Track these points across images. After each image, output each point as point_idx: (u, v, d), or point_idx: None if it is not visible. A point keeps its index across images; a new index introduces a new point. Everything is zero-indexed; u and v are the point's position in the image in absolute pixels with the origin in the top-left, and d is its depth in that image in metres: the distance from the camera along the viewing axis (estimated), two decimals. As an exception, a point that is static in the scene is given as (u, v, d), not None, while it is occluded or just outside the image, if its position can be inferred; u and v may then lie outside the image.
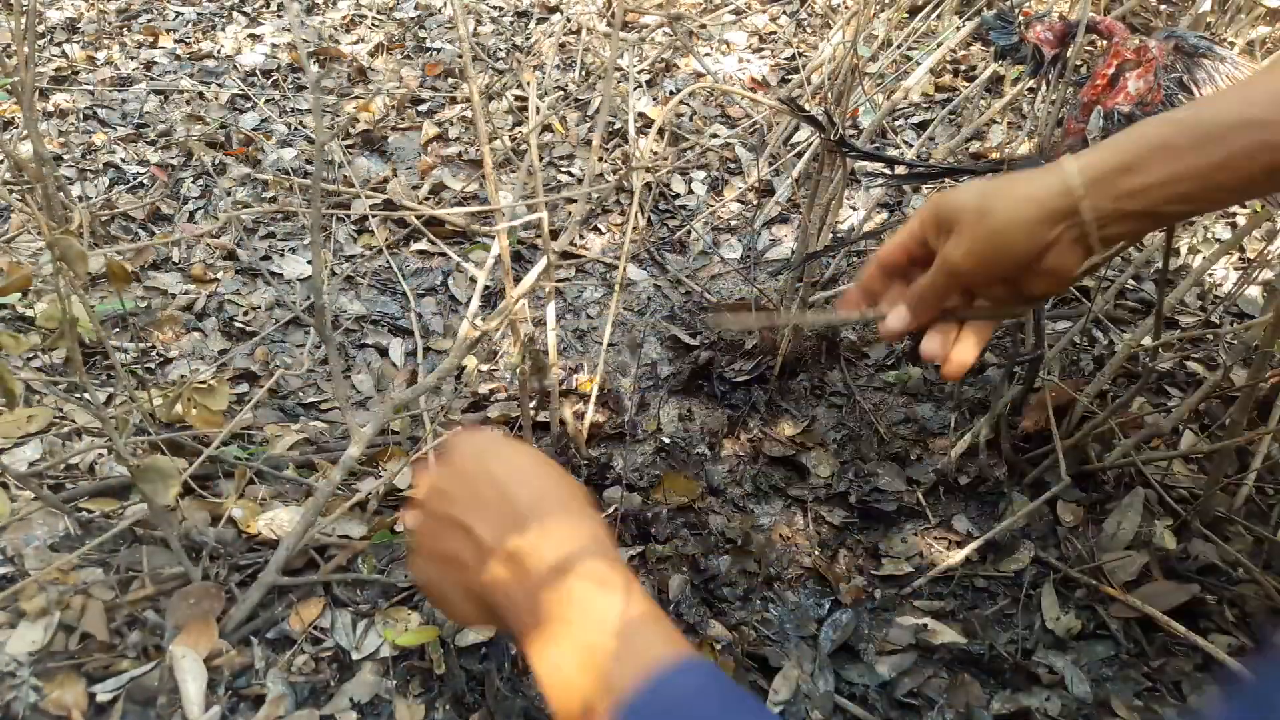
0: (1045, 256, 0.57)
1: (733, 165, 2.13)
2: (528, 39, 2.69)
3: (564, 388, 1.49)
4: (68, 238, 0.78)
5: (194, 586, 1.08)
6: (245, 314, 1.66)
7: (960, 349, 0.61)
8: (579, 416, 1.37)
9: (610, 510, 1.27)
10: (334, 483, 1.06)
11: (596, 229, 1.92)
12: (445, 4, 2.87)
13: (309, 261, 1.80)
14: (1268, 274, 1.64)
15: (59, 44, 2.57)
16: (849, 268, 1.79)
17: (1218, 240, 1.75)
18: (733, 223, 1.95)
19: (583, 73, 2.45)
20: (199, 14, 2.79)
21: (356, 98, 2.37)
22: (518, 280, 1.15)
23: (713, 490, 1.34)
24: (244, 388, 1.48)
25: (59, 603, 1.04)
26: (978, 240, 0.57)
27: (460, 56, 2.55)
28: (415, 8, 2.86)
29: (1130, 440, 1.25)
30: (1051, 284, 0.59)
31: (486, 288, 1.20)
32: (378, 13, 2.83)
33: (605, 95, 1.21)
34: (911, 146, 2.11)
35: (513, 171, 2.06)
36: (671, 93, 2.38)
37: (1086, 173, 0.57)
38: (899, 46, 2.03)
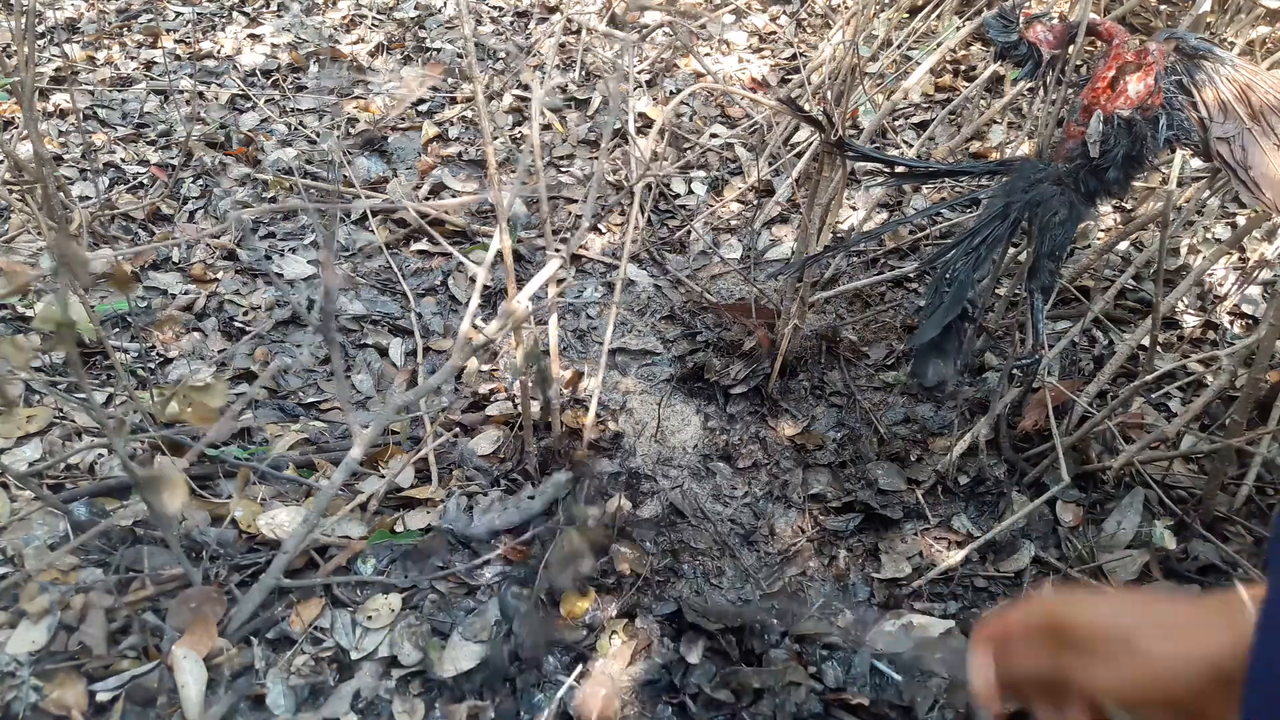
0: (1202, 711, 0.46)
1: (733, 165, 2.13)
2: (528, 39, 2.69)
3: (564, 388, 1.49)
4: (70, 242, 0.78)
5: (195, 588, 1.08)
6: (245, 314, 1.66)
7: None
8: (578, 418, 1.37)
9: (611, 512, 1.27)
10: (336, 484, 1.06)
11: (596, 229, 1.92)
12: (445, 4, 2.87)
13: (310, 261, 1.80)
14: (1267, 274, 1.64)
15: (59, 44, 2.56)
16: (848, 267, 1.79)
17: (1218, 240, 1.75)
18: (733, 223, 1.95)
19: (583, 73, 2.45)
20: (199, 14, 2.79)
21: (357, 98, 2.38)
22: (518, 280, 1.15)
23: (714, 493, 1.34)
24: (244, 388, 1.48)
25: (60, 603, 1.04)
26: (1128, 679, 0.47)
27: (460, 56, 2.55)
28: (415, 8, 2.86)
29: (1136, 446, 1.26)
30: None
31: (486, 287, 1.20)
32: (378, 13, 2.83)
33: (614, 101, 1.21)
34: (911, 146, 2.11)
35: (513, 171, 2.06)
36: (671, 93, 2.38)
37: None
38: (899, 46, 2.03)
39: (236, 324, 1.63)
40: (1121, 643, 0.48)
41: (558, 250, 1.09)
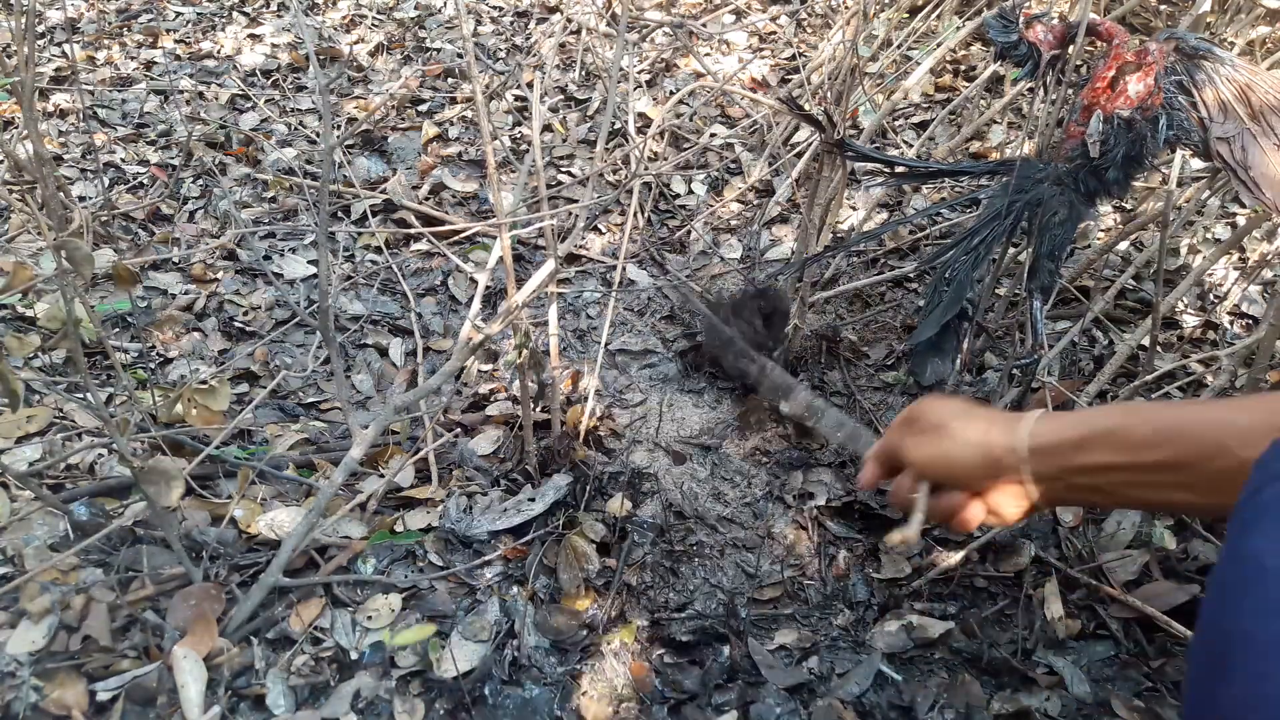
0: (987, 493, 0.66)
1: (733, 165, 2.13)
2: (528, 39, 2.69)
3: (564, 388, 1.49)
4: (75, 240, 0.78)
5: (195, 587, 1.08)
6: (245, 314, 1.66)
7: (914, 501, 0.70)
8: (578, 417, 1.37)
9: (611, 512, 1.27)
10: (336, 484, 1.06)
11: (596, 229, 1.92)
12: (445, 4, 2.87)
13: (310, 261, 1.80)
14: (1267, 274, 1.64)
15: (59, 44, 2.57)
16: (848, 268, 1.79)
17: (1218, 240, 1.75)
18: (733, 223, 1.95)
19: (583, 73, 2.45)
20: (199, 14, 2.79)
21: (357, 98, 2.38)
22: (519, 281, 1.15)
23: (714, 493, 1.34)
24: (244, 388, 1.48)
25: (60, 603, 1.04)
26: (932, 454, 0.67)
27: (460, 56, 2.55)
28: (415, 8, 2.86)
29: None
30: (994, 518, 0.67)
31: (487, 287, 1.20)
32: (378, 13, 2.83)
33: (610, 100, 1.21)
34: (911, 146, 2.11)
35: (513, 171, 2.06)
36: (671, 93, 2.38)
37: (1037, 438, 0.63)
38: (899, 46, 2.03)
39: (236, 324, 1.63)
40: (936, 428, 0.67)
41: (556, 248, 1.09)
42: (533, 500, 1.25)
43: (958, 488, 0.67)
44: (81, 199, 1.91)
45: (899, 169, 1.27)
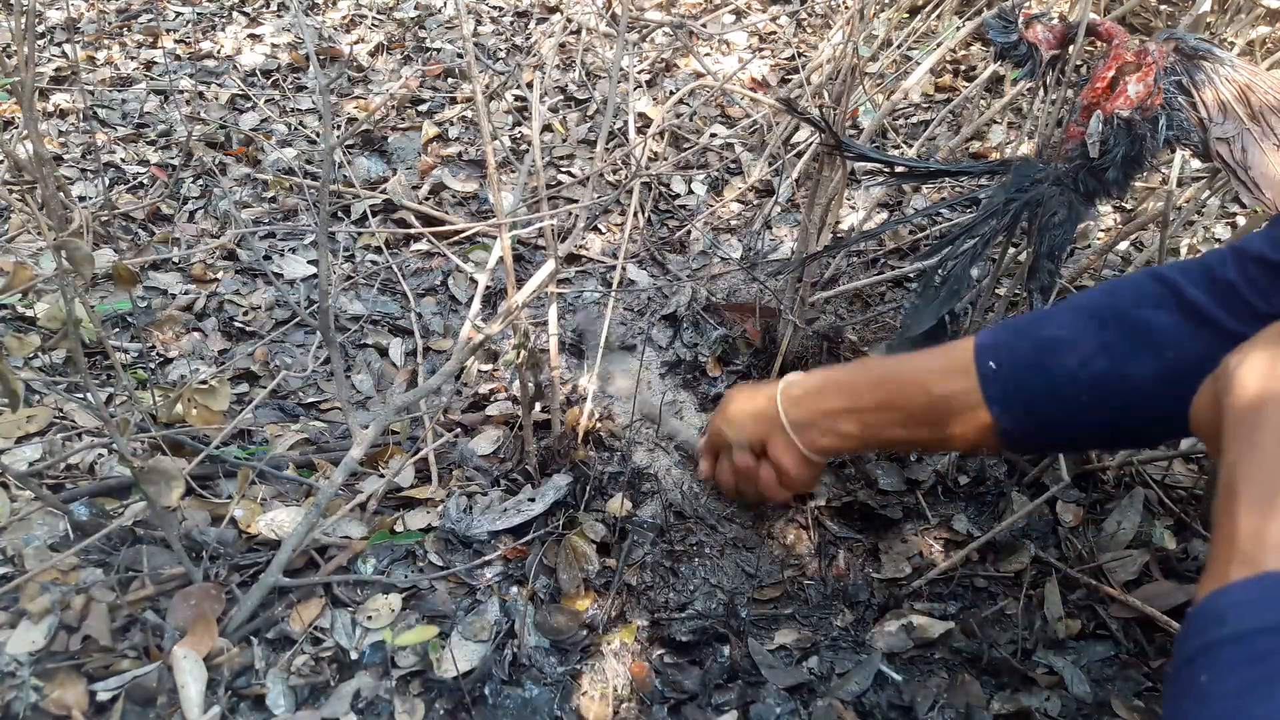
0: (769, 450, 0.79)
1: (733, 165, 2.13)
2: (528, 39, 2.69)
3: (563, 388, 1.49)
4: (75, 240, 0.78)
5: (195, 587, 1.08)
6: (245, 314, 1.66)
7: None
8: (577, 417, 1.37)
9: (611, 513, 1.27)
10: (336, 484, 1.06)
11: (596, 229, 1.92)
12: (445, 4, 2.87)
13: (310, 261, 1.80)
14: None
15: (59, 44, 2.57)
16: (848, 268, 1.79)
17: (1217, 241, 1.75)
18: (733, 223, 1.95)
19: (583, 73, 2.45)
20: (199, 14, 2.79)
21: (357, 98, 2.38)
22: (518, 281, 1.15)
23: (714, 492, 1.34)
24: (244, 388, 1.48)
25: (60, 603, 1.04)
26: (722, 423, 0.85)
27: (461, 56, 2.55)
28: (415, 8, 2.86)
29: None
30: (783, 478, 0.82)
31: (487, 287, 1.20)
32: (378, 13, 2.83)
33: (610, 100, 1.21)
34: (911, 147, 2.11)
35: (513, 172, 2.06)
36: (671, 93, 2.38)
37: (790, 390, 0.77)
38: (899, 46, 2.03)
39: (236, 324, 1.63)
40: (725, 404, 0.86)
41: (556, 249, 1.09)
42: (532, 500, 1.25)
43: (746, 449, 0.82)
44: (81, 199, 1.91)
45: (899, 169, 1.27)
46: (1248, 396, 0.42)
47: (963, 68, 2.44)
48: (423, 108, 2.35)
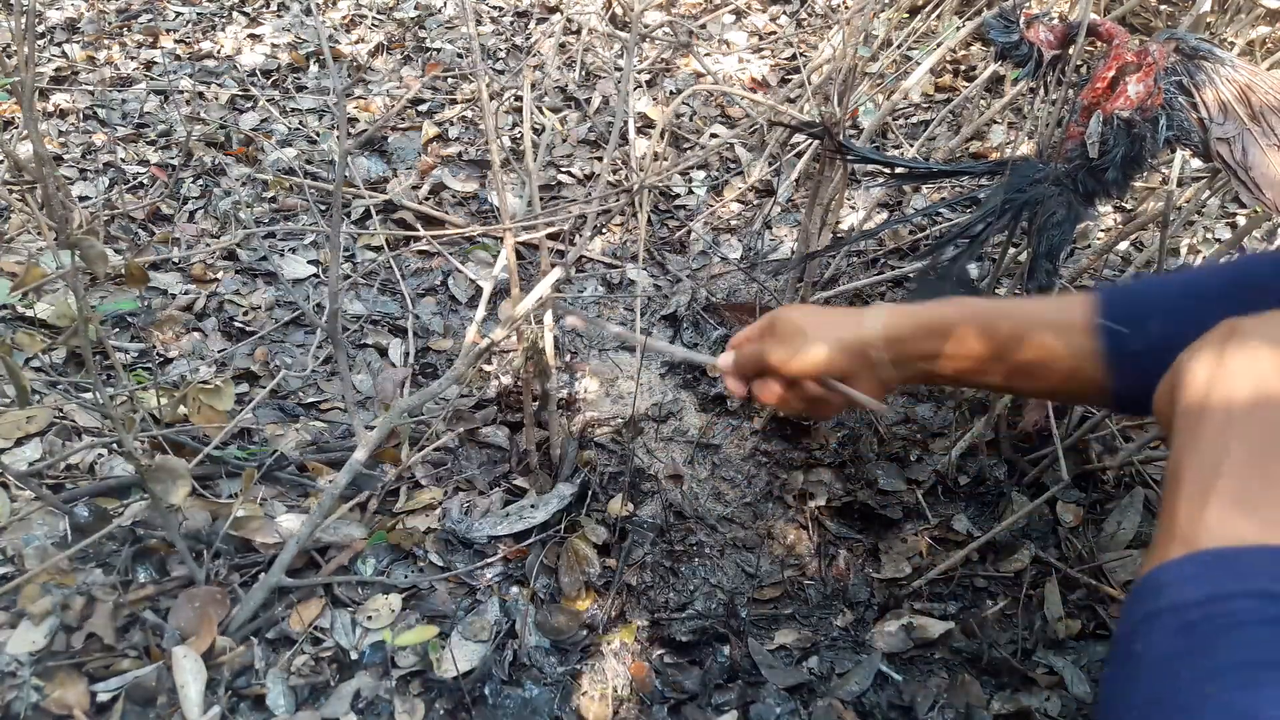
0: (851, 379, 0.74)
1: (733, 165, 2.13)
2: (528, 39, 2.69)
3: (563, 387, 1.49)
4: (89, 238, 0.78)
5: (198, 588, 1.08)
6: (245, 314, 1.66)
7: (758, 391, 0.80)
8: (577, 418, 1.37)
9: (611, 513, 1.27)
10: (340, 485, 1.06)
11: (597, 229, 1.92)
12: (445, 4, 2.87)
13: (310, 261, 1.80)
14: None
15: (59, 44, 2.57)
16: (848, 268, 1.79)
17: (1218, 241, 1.75)
18: (733, 223, 1.95)
19: (583, 73, 2.45)
20: (199, 14, 2.79)
21: (358, 98, 2.38)
22: (521, 283, 1.15)
23: (714, 492, 1.34)
24: (244, 388, 1.48)
25: (60, 603, 1.04)
26: (799, 354, 0.74)
27: (460, 56, 2.55)
28: (415, 8, 2.86)
29: (1136, 446, 1.25)
30: (854, 403, 0.76)
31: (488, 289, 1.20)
32: (378, 13, 2.83)
33: (619, 111, 1.21)
34: (911, 146, 2.11)
35: (513, 172, 2.06)
36: (672, 93, 2.38)
37: (889, 330, 0.72)
38: (899, 46, 2.03)
39: (236, 324, 1.63)
40: (798, 331, 0.74)
41: (562, 255, 1.09)
42: (535, 508, 1.25)
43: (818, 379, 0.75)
44: (81, 199, 1.91)
45: (899, 169, 1.27)
46: (1195, 391, 0.45)
47: (963, 68, 2.44)
48: (423, 108, 2.35)
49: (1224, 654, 0.36)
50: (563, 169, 2.11)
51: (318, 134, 2.21)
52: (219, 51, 2.59)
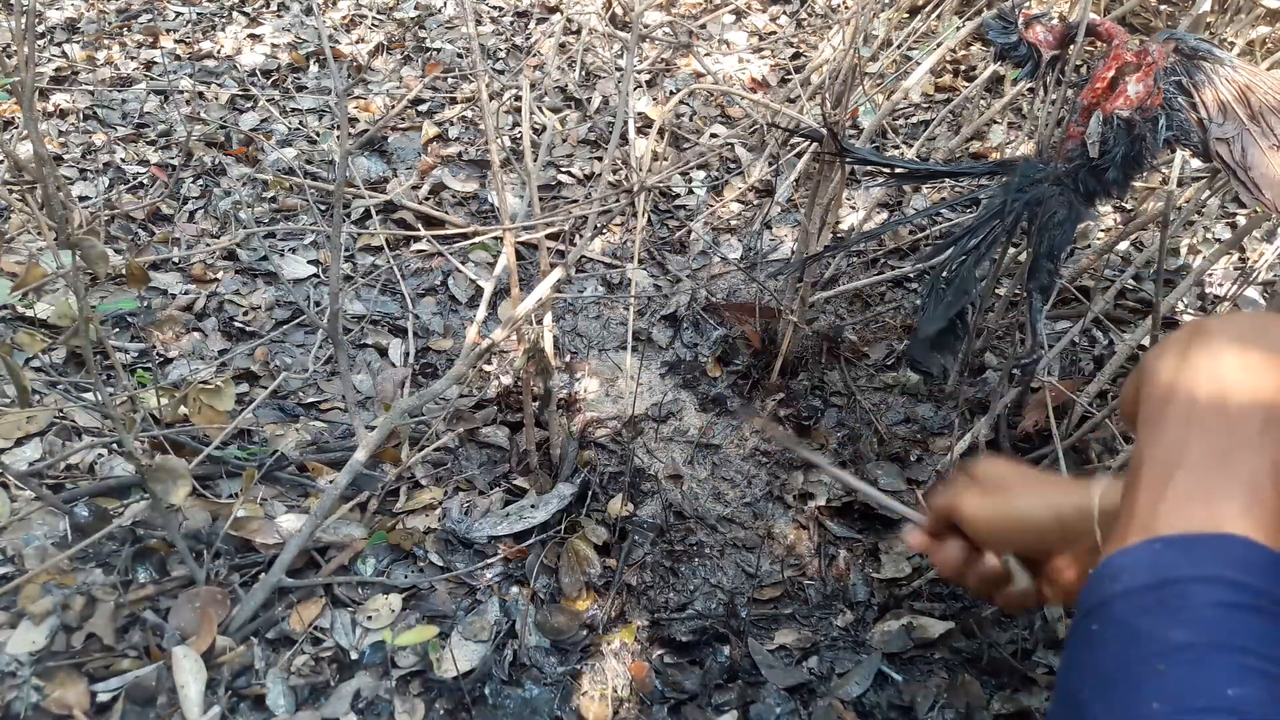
0: (1050, 560, 0.61)
1: (733, 165, 2.13)
2: (528, 39, 2.69)
3: (563, 388, 1.49)
4: (90, 238, 0.78)
5: (199, 588, 1.08)
6: (245, 314, 1.66)
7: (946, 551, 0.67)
8: (577, 418, 1.37)
9: (611, 514, 1.27)
10: (341, 486, 1.06)
11: (597, 229, 1.92)
12: (445, 4, 2.87)
13: (310, 262, 1.80)
14: (1267, 274, 1.64)
15: (59, 44, 2.57)
16: (848, 268, 1.79)
17: (1218, 240, 1.75)
18: (733, 223, 1.95)
19: (583, 73, 2.45)
20: (199, 14, 2.79)
21: (358, 98, 2.37)
22: (521, 282, 1.15)
23: (714, 493, 1.34)
24: (244, 388, 1.48)
25: (61, 603, 1.04)
26: (1000, 514, 0.61)
27: (460, 56, 2.55)
28: (415, 8, 2.86)
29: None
30: (1050, 587, 0.63)
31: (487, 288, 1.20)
32: (378, 13, 2.83)
33: (620, 113, 1.20)
34: (911, 147, 2.11)
35: (513, 172, 2.06)
36: (671, 93, 2.38)
37: (1106, 500, 0.58)
38: (899, 46, 2.03)
39: (236, 324, 1.63)
40: (999, 488, 0.62)
41: (562, 255, 1.09)
42: (535, 508, 1.25)
43: (1020, 553, 0.63)
44: (81, 199, 1.91)
45: (899, 170, 1.27)
46: (1159, 387, 0.47)
47: (963, 68, 2.44)
48: (423, 108, 2.35)
49: (1175, 634, 0.38)
50: (563, 169, 2.11)
51: (318, 134, 2.21)
52: (219, 51, 2.59)
